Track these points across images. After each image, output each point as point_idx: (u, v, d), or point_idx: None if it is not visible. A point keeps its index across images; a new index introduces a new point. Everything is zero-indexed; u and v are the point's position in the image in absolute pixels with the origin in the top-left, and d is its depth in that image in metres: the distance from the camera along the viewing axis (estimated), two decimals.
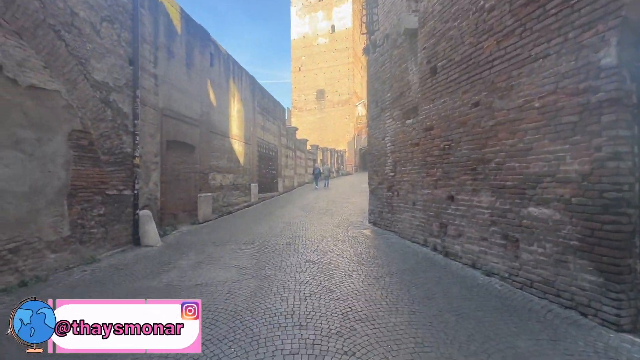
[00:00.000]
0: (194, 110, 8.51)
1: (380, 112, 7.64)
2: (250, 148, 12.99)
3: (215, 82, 9.76)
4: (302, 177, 23.23)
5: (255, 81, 13.33)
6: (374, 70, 8.02)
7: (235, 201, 11.47)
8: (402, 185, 6.68)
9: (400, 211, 6.74)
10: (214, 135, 9.73)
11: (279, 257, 5.26)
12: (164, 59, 7.20)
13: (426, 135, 5.77)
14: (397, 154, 6.85)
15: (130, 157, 5.98)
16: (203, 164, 8.96)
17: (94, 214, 5.15)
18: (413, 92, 6.19)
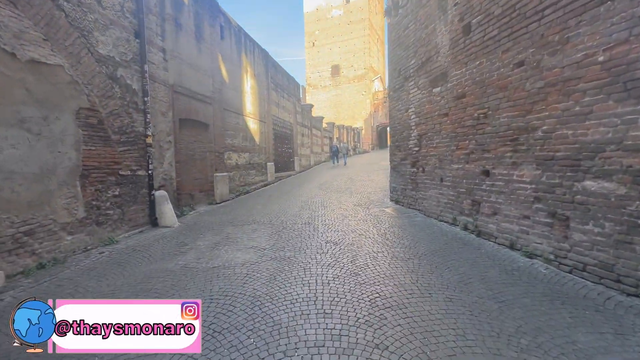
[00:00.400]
0: (205, 87, 8.18)
1: (404, 82, 7.04)
2: (266, 126, 12.65)
3: (226, 56, 9.32)
4: (318, 156, 22.84)
5: (268, 55, 12.76)
6: (395, 35, 7.34)
7: (252, 180, 11.31)
8: (428, 161, 6.19)
9: (426, 188, 6.30)
10: (227, 112, 9.42)
11: (298, 238, 5.01)
12: (171, 31, 6.81)
13: (457, 103, 5.21)
14: (423, 126, 6.31)
15: (142, 137, 5.77)
16: (218, 143, 8.73)
17: (109, 195, 5.03)
18: (442, 56, 5.57)
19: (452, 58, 5.26)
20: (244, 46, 10.49)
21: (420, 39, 6.26)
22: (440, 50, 5.62)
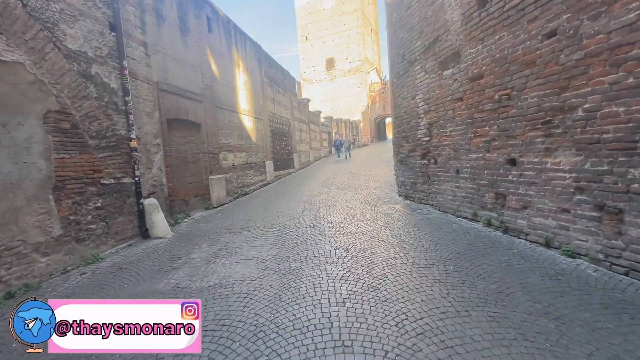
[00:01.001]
0: (194, 84, 7.61)
1: (408, 67, 6.47)
2: (262, 123, 12.08)
3: (216, 50, 8.73)
4: (317, 152, 22.29)
5: (260, 49, 12.14)
6: (397, 16, 6.75)
7: (251, 181, 10.78)
8: (440, 151, 5.65)
9: (440, 181, 5.77)
10: (220, 110, 8.86)
11: (303, 244, 4.50)
12: (153, 23, 6.23)
13: (473, 86, 4.66)
14: (433, 113, 5.77)
15: (125, 140, 5.23)
16: (211, 143, 8.18)
17: (90, 208, 4.50)
18: (452, 35, 5.00)
19: (465, 35, 4.70)
20: (234, 39, 9.88)
21: (425, 18, 5.69)
22: (450, 28, 5.05)
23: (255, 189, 10.53)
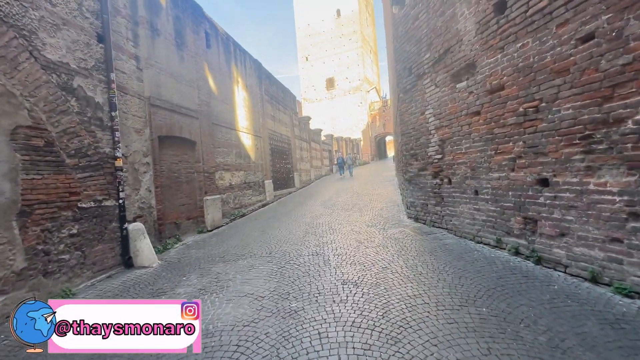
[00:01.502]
0: (190, 99, 7.25)
1: (416, 80, 6.11)
2: (261, 141, 11.70)
3: (214, 66, 8.45)
4: (318, 170, 21.87)
5: (261, 66, 11.95)
6: (403, 29, 6.47)
7: (249, 202, 10.25)
8: (455, 170, 5.17)
9: (455, 203, 5.25)
10: (217, 127, 8.46)
11: (305, 277, 3.93)
12: (147, 37, 5.92)
13: (492, 98, 4.24)
14: (446, 129, 5.33)
15: (109, 159, 4.76)
16: (207, 162, 7.72)
17: (63, 235, 3.96)
18: (466, 45, 4.64)
19: (481, 45, 4.33)
20: (233, 55, 9.65)
21: (435, 29, 5.37)
22: (463, 38, 4.70)
23: (253, 209, 9.98)
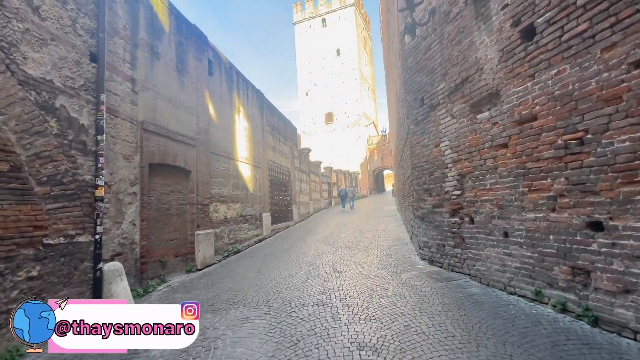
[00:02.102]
0: (188, 126, 6.84)
1: (429, 111, 5.77)
2: (260, 172, 11.22)
3: (215, 93, 8.18)
4: (317, 203, 21.27)
5: (263, 97, 11.81)
6: (413, 60, 6.26)
7: (244, 236, 9.52)
8: (478, 208, 4.64)
9: (479, 245, 4.65)
10: (215, 156, 8.00)
11: (311, 336, 3.21)
12: (145, 59, 5.62)
13: (522, 129, 3.83)
14: (465, 163, 4.87)
15: (89, 187, 4.18)
16: (202, 193, 7.14)
17: (19, 279, 3.27)
18: (487, 74, 4.33)
19: (506, 73, 4.00)
20: (235, 84, 9.47)
21: (450, 59, 5.11)
22: (483, 67, 4.40)
23: (249, 245, 9.23)
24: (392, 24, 8.88)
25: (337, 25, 47.53)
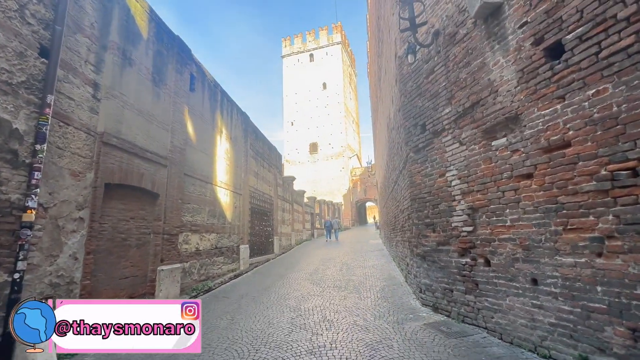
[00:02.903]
0: (161, 144, 6.00)
1: (432, 138, 5.28)
2: (241, 199, 10.31)
3: (196, 111, 7.47)
4: (299, 234, 20.20)
5: (248, 119, 11.21)
6: (414, 84, 5.88)
7: (218, 271, 8.37)
8: (496, 248, 3.98)
9: (498, 293, 3.94)
10: (190, 180, 7.10)
11: None
12: (114, 64, 4.89)
13: (551, 158, 3.30)
14: (478, 195, 4.29)
15: (14, 210, 3.22)
16: (170, 220, 6.15)
17: None
18: (504, 96, 3.89)
19: (528, 94, 3.55)
20: (219, 104, 8.83)
21: (457, 82, 4.71)
22: (499, 89, 3.97)
23: (223, 282, 8.07)
24: (386, 52, 8.73)
25: (324, 61, 49.25)
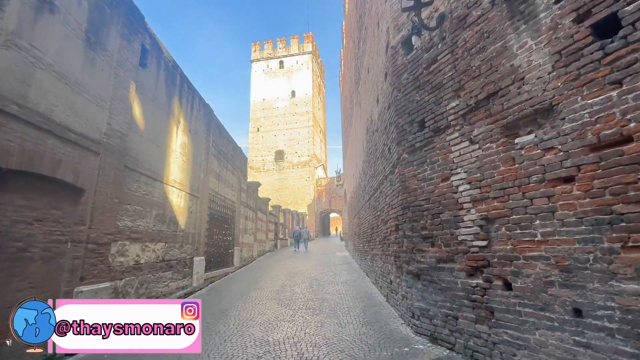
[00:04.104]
0: (91, 123, 4.61)
1: (433, 136, 4.55)
2: (199, 203, 8.89)
3: (146, 92, 6.11)
4: (262, 245, 18.74)
5: (211, 113, 9.88)
6: (409, 76, 5.16)
7: (164, 290, 6.87)
8: (521, 267, 3.24)
9: (523, 324, 3.17)
10: (133, 174, 5.69)
11: None
12: (26, 6, 3.53)
13: (602, 157, 2.65)
14: (495, 203, 3.56)
15: None
16: (100, 224, 4.71)
17: None
18: (533, 84, 3.24)
19: (569, 81, 2.91)
20: (178, 89, 7.49)
21: (467, 71, 4.04)
22: (525, 77, 3.32)
23: None
24: (371, 48, 8.06)
25: (294, 69, 48.74)
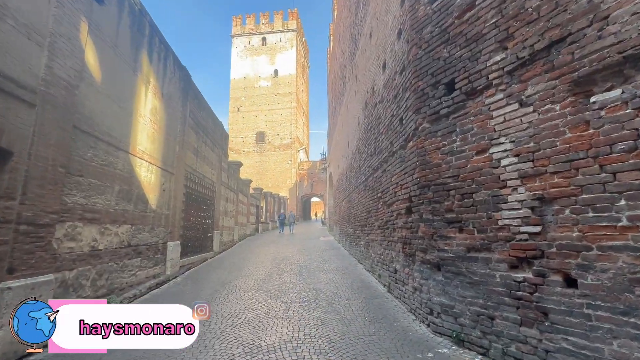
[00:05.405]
0: (23, 63, 3.43)
1: (466, 100, 3.74)
2: (173, 180, 7.76)
3: (105, 36, 4.88)
4: (243, 228, 17.75)
5: (189, 78, 8.59)
6: (434, 29, 4.27)
7: (130, 280, 5.84)
8: (593, 260, 2.55)
9: (593, 330, 2.51)
10: (87, 138, 4.54)
11: None
12: None
13: None
14: (555, 179, 2.83)
15: None
16: (38, 200, 3.61)
17: None
18: (622, 24, 2.47)
19: None
20: (147, 42, 6.22)
21: (519, 15, 3.21)
22: (611, 15, 2.54)
23: (137, 295, 5.60)
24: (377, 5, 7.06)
25: (278, 47, 46.51)
